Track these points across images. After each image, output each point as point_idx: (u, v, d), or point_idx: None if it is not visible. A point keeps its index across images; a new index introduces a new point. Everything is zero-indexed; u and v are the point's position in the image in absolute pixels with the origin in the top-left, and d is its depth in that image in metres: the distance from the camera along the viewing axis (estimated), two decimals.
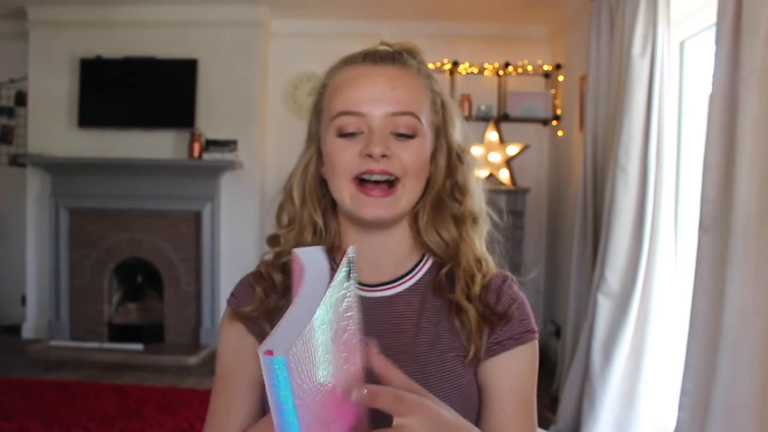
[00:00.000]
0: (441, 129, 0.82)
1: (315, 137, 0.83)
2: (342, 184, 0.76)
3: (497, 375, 0.78)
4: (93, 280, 4.14)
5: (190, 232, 4.14)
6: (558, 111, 4.21)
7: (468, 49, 4.25)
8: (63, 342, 4.05)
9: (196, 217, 4.15)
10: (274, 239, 0.85)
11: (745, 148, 1.68)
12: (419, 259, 0.83)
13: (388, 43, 0.83)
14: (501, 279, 0.83)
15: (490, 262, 0.83)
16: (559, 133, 4.19)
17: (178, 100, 4.14)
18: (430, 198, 0.81)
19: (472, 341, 0.77)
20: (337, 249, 0.84)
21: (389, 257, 0.82)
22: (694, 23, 2.54)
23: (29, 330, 4.35)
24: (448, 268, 0.81)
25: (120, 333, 4.12)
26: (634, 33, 2.45)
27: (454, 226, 0.82)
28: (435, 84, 0.82)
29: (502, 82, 4.31)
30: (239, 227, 4.21)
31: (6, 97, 4.64)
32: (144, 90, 4.15)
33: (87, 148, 4.16)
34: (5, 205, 4.63)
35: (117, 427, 2.75)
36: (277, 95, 4.43)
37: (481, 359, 0.78)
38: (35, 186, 4.26)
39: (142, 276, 4.31)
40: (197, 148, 4.07)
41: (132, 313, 4.32)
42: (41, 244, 4.25)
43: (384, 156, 0.74)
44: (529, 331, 0.80)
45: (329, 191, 0.81)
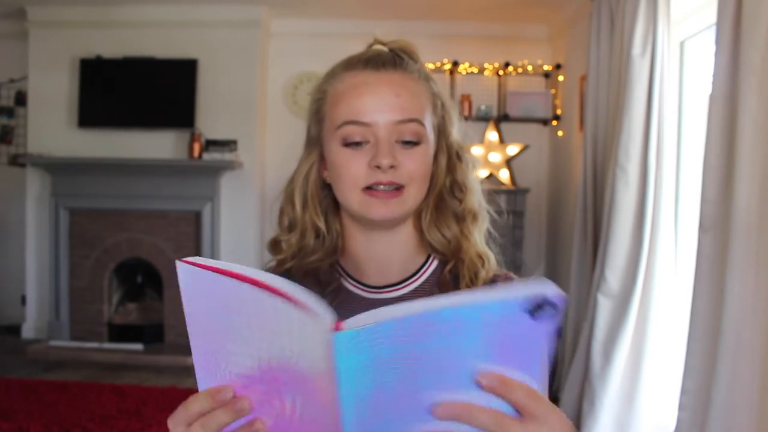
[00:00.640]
0: (441, 129, 0.82)
1: (316, 142, 0.82)
2: (350, 194, 0.77)
3: None
4: (93, 280, 4.13)
5: (189, 232, 4.14)
6: (558, 111, 4.20)
7: (468, 49, 4.25)
8: (63, 342, 4.04)
9: (196, 217, 4.15)
10: (275, 245, 0.85)
11: (746, 147, 1.68)
12: (425, 260, 0.84)
13: (381, 42, 0.82)
14: (505, 278, 0.83)
15: (492, 258, 0.83)
16: (559, 133, 4.19)
17: (177, 100, 4.14)
18: (432, 197, 0.82)
19: None
20: (341, 251, 0.84)
21: (396, 258, 0.82)
22: (694, 23, 2.54)
23: (29, 330, 4.35)
24: (452, 265, 0.81)
25: (120, 333, 4.12)
26: (634, 33, 2.45)
27: (455, 223, 0.82)
28: (434, 85, 0.82)
29: (502, 82, 4.31)
30: (239, 227, 4.20)
31: (6, 97, 4.63)
32: (144, 90, 4.15)
33: (87, 148, 4.16)
34: (5, 205, 4.63)
35: (117, 428, 2.75)
36: (277, 95, 4.43)
37: None
38: (35, 186, 4.26)
39: (141, 276, 4.31)
40: (197, 148, 4.07)
41: (132, 314, 4.32)
42: (41, 244, 4.25)
43: (392, 167, 0.74)
44: None
45: (330, 193, 0.81)
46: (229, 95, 4.17)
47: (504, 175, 4.28)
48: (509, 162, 4.33)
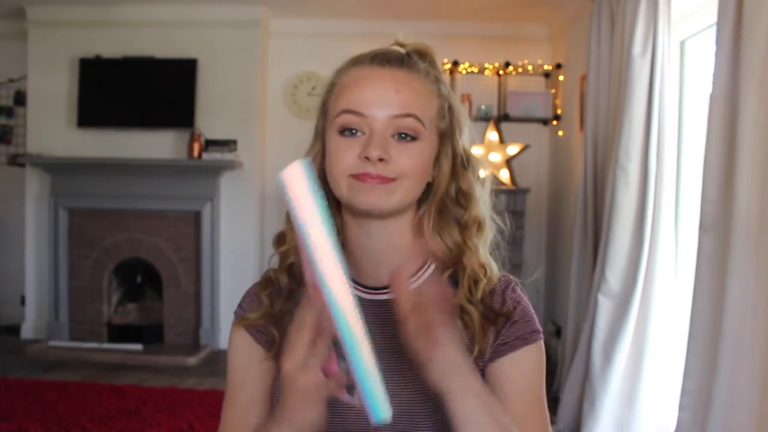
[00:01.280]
0: (447, 134, 0.81)
1: (321, 134, 0.83)
2: (339, 180, 0.77)
3: (507, 376, 0.78)
4: (92, 280, 4.13)
5: (189, 232, 4.14)
6: (558, 111, 4.20)
7: (468, 49, 4.25)
8: (62, 342, 4.04)
9: (195, 217, 4.14)
10: (280, 238, 0.85)
11: (746, 147, 1.67)
12: (422, 264, 0.83)
13: (402, 43, 0.82)
14: (504, 283, 0.83)
15: (494, 268, 0.83)
16: (560, 133, 4.19)
17: (177, 99, 4.14)
18: (434, 203, 0.81)
19: (476, 341, 0.77)
20: (342, 246, 0.83)
21: (390, 255, 0.81)
22: (694, 22, 2.54)
23: (28, 330, 4.35)
24: (451, 271, 0.81)
25: (119, 333, 4.11)
26: (634, 32, 2.45)
27: (458, 231, 0.82)
28: (443, 88, 0.82)
29: (502, 81, 4.31)
30: (239, 227, 4.20)
31: (5, 97, 4.63)
32: (143, 90, 4.14)
33: (86, 147, 4.15)
34: (4, 205, 4.62)
35: (116, 428, 2.75)
36: (277, 95, 4.42)
37: (490, 361, 0.79)
38: (34, 186, 4.25)
39: (141, 276, 4.31)
40: (197, 147, 4.07)
41: (131, 314, 4.31)
42: (40, 244, 4.24)
43: (381, 160, 0.74)
44: (536, 332, 0.81)
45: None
46: (229, 95, 4.16)
47: (504, 175, 4.27)
48: (509, 162, 4.32)
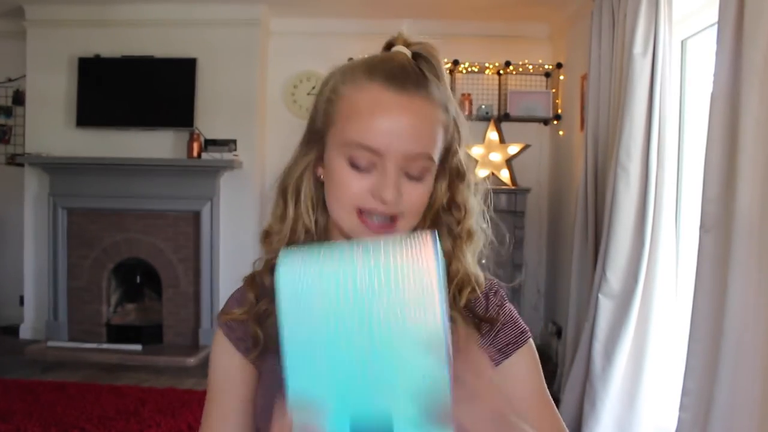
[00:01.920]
0: (448, 149, 0.80)
1: (319, 142, 0.79)
2: (343, 213, 0.75)
3: (509, 383, 0.78)
4: (91, 280, 4.12)
5: (189, 232, 4.13)
6: (559, 110, 4.19)
7: (468, 48, 4.24)
8: (61, 343, 4.03)
9: (195, 217, 4.14)
10: (266, 236, 0.84)
11: (747, 147, 1.67)
12: None
13: (407, 41, 0.79)
14: (488, 287, 0.83)
15: (481, 278, 0.82)
16: (560, 133, 4.18)
17: (176, 99, 4.13)
18: (429, 216, 0.81)
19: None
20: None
21: None
22: (695, 22, 2.53)
23: (27, 331, 4.34)
24: None
25: (118, 334, 4.11)
26: (635, 32, 2.44)
27: (449, 240, 0.81)
28: (451, 105, 0.79)
29: (502, 81, 4.30)
30: (238, 227, 4.19)
31: (4, 97, 4.63)
32: (142, 89, 4.13)
33: (85, 147, 4.15)
34: (3, 205, 4.62)
35: (115, 428, 2.74)
36: (277, 94, 4.42)
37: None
38: (33, 186, 4.25)
39: (140, 276, 4.30)
40: (196, 147, 4.06)
41: (130, 314, 4.30)
42: (39, 244, 4.24)
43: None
44: (523, 332, 0.81)
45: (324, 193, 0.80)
46: (229, 94, 4.16)
47: (504, 175, 4.27)
48: (510, 162, 4.32)
